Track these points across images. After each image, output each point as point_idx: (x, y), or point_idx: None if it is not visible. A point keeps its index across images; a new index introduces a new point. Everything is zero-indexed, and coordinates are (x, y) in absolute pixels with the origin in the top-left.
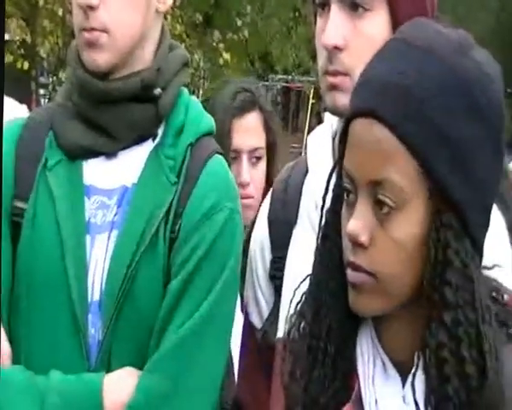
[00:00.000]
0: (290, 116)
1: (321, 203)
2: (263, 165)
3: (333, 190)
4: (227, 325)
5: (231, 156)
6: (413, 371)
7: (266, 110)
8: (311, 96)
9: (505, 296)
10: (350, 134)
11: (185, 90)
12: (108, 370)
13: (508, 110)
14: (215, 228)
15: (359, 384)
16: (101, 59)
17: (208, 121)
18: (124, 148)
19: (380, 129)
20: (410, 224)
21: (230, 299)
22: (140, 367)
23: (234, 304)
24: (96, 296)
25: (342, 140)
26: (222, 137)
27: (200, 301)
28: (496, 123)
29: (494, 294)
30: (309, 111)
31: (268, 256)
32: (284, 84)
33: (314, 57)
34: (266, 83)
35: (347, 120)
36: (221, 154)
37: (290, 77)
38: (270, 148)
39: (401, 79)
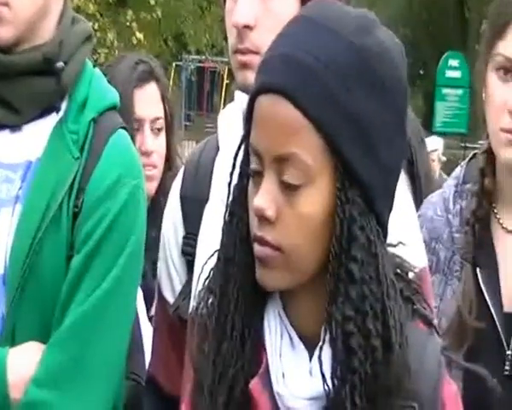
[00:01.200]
0: (205, 96)
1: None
2: (163, 136)
3: (240, 167)
4: (130, 299)
5: (134, 127)
6: (320, 344)
7: (163, 82)
8: (225, 76)
9: (410, 273)
10: (255, 111)
11: (89, 64)
12: (12, 344)
13: (420, 91)
14: (118, 203)
15: (267, 358)
16: (2, 32)
17: (112, 95)
18: (28, 121)
19: (285, 105)
20: (316, 199)
21: (134, 274)
22: (45, 342)
23: (137, 278)
24: (0, 270)
25: (248, 117)
26: (124, 107)
27: (103, 276)
28: (399, 102)
29: (399, 270)
30: (223, 91)
31: (180, 232)
32: (198, 65)
33: (227, 37)
34: (180, 63)
35: (252, 96)
36: (125, 128)
37: (204, 57)
38: (168, 120)
39: (305, 56)
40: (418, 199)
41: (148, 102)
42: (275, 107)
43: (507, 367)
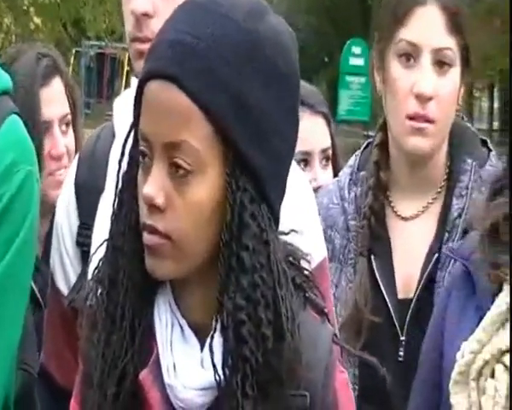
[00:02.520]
0: (105, 83)
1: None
2: (71, 131)
3: (129, 154)
4: (23, 286)
5: (41, 130)
6: (211, 333)
7: (66, 73)
8: (125, 62)
9: (302, 262)
10: (144, 96)
11: None
12: None
13: (325, 79)
14: (12, 188)
15: (157, 349)
16: None
17: (4, 80)
18: None
19: (173, 91)
20: (206, 187)
21: (27, 260)
22: None
23: (31, 265)
24: None
25: (137, 103)
26: (30, 109)
27: None
28: (291, 89)
29: (291, 259)
30: (124, 78)
31: (74, 222)
32: (98, 51)
33: None
34: (79, 49)
35: (141, 82)
36: (17, 114)
37: (104, 43)
38: (73, 112)
39: (195, 42)
40: None
41: (56, 99)
42: (163, 93)
43: (401, 353)
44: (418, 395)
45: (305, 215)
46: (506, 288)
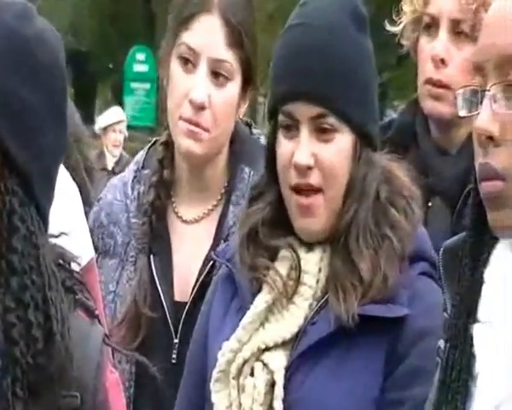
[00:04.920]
0: None
1: None
2: None
3: None
4: None
5: None
6: None
7: None
8: None
9: (72, 264)
10: None
11: None
12: None
13: (109, 85)
14: None
15: None
16: None
17: None
18: None
19: None
20: None
21: None
22: None
23: None
24: None
25: None
26: None
27: None
28: (57, 89)
29: (61, 261)
30: None
31: None
32: None
33: None
34: None
35: None
36: None
37: None
38: None
39: None
40: None
41: None
42: None
43: (174, 355)
44: (184, 396)
45: (72, 216)
46: (265, 288)
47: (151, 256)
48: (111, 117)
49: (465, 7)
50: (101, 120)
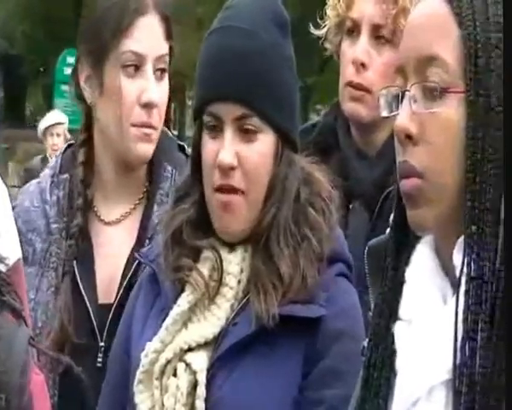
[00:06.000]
0: None
1: None
2: None
3: None
4: None
5: None
6: None
7: None
8: None
9: (1, 265)
10: None
11: None
12: None
13: (40, 88)
14: None
15: None
16: None
17: None
18: None
19: None
20: None
21: None
22: None
23: None
24: None
25: None
26: None
27: None
28: None
29: None
30: None
31: None
32: None
33: None
34: None
35: None
36: None
37: None
38: None
39: None
40: None
41: None
42: None
43: (99, 359)
44: (106, 399)
45: (1, 216)
46: (188, 289)
47: (74, 262)
48: (48, 120)
49: (386, 12)
50: (41, 124)
